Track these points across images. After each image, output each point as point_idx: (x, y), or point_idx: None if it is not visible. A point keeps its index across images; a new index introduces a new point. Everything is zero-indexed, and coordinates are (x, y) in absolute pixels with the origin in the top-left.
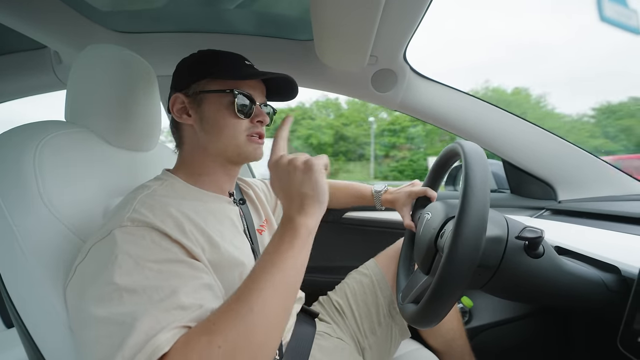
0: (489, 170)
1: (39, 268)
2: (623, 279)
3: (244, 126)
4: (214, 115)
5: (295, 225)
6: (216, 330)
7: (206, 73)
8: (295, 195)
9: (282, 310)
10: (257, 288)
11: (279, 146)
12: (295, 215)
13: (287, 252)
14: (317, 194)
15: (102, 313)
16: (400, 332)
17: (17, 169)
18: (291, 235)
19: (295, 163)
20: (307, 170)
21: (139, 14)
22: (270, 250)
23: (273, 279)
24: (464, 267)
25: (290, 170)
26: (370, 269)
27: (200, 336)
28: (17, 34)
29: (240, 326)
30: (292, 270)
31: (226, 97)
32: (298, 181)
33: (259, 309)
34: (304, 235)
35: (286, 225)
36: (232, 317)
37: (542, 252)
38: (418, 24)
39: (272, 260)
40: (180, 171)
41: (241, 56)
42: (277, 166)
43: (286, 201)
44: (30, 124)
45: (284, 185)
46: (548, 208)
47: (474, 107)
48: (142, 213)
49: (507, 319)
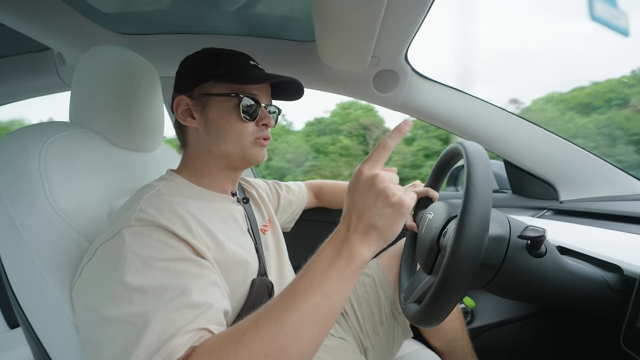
0: (491, 169)
1: (45, 268)
2: (625, 278)
3: (250, 130)
4: (218, 119)
5: (353, 255)
6: (245, 343)
7: (210, 75)
8: (366, 222)
9: (317, 338)
10: (296, 310)
11: (379, 158)
12: (355, 241)
13: (336, 279)
14: (389, 233)
15: (112, 313)
16: (402, 332)
17: (22, 169)
18: (345, 262)
19: (388, 193)
20: (396, 208)
21: (141, 15)
22: (316, 271)
23: (314, 304)
24: (466, 266)
25: (378, 195)
26: (373, 269)
27: (227, 345)
28: (20, 36)
29: (271, 346)
30: (335, 299)
31: (231, 101)
32: (379, 212)
33: (294, 332)
34: (357, 266)
35: (341, 249)
36: (264, 335)
37: (544, 251)
38: (420, 24)
39: (318, 284)
40: (185, 171)
41: (246, 55)
42: (366, 183)
43: (352, 221)
44: (35, 125)
45: (360, 204)
46: (550, 208)
47: (476, 108)
48: (149, 213)
49: (509, 319)
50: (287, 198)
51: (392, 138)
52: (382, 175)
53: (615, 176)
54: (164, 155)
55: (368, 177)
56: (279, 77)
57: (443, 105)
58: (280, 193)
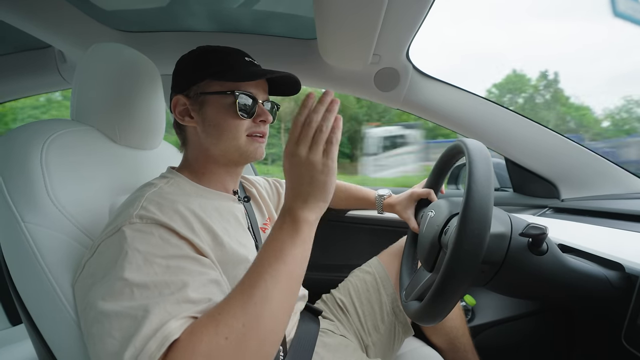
0: (492, 167)
1: (47, 264)
2: (627, 276)
3: (245, 126)
4: (216, 117)
5: (296, 219)
6: (221, 320)
7: (206, 74)
8: (302, 190)
9: (286, 302)
10: (260, 280)
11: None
12: (297, 209)
13: (289, 245)
14: (324, 193)
15: (113, 307)
16: (403, 329)
17: (24, 166)
18: (292, 228)
19: (313, 161)
20: (324, 172)
21: (142, 13)
22: (271, 242)
23: (275, 271)
24: (468, 263)
25: (305, 166)
26: (374, 266)
27: (206, 326)
28: (21, 34)
29: (245, 317)
30: (293, 263)
31: (228, 98)
32: (309, 178)
33: (262, 300)
34: (305, 229)
35: (286, 218)
36: (237, 308)
37: (545, 249)
38: (421, 22)
39: (274, 254)
40: (186, 170)
41: (241, 52)
42: (292, 156)
43: (291, 192)
44: (37, 122)
45: (294, 176)
46: (551, 206)
47: (477, 106)
48: (150, 210)
49: (510, 317)
50: None
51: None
52: (302, 147)
53: (616, 174)
54: (165, 152)
55: (291, 152)
56: (274, 73)
57: (445, 103)
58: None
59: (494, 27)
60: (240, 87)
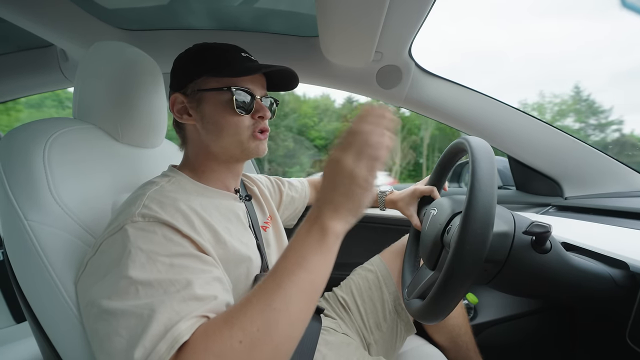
0: (496, 165)
1: (51, 262)
2: (631, 275)
3: (246, 123)
4: (213, 114)
5: (324, 227)
6: (237, 323)
7: (202, 71)
8: (336, 198)
9: (304, 311)
10: (281, 286)
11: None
12: (327, 218)
13: (314, 253)
14: (357, 208)
15: (118, 306)
16: (405, 327)
17: (27, 165)
18: (319, 236)
19: (356, 173)
20: (363, 187)
21: (144, 11)
22: (295, 248)
23: (297, 278)
24: (470, 262)
25: (347, 176)
26: (376, 265)
27: (221, 328)
28: (23, 32)
29: (261, 322)
30: (316, 272)
31: (224, 95)
32: (346, 189)
33: (281, 307)
34: (331, 239)
35: (315, 225)
36: (255, 312)
37: (549, 247)
38: (424, 19)
39: (298, 260)
40: (186, 168)
41: (237, 48)
42: (336, 163)
43: (323, 197)
44: (39, 121)
45: (331, 183)
46: (554, 204)
47: (479, 103)
48: (152, 209)
49: (512, 315)
50: (290, 195)
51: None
52: (347, 159)
53: (620, 172)
54: (166, 151)
55: (333, 162)
56: (270, 67)
57: (447, 101)
58: (283, 190)
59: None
60: (237, 83)
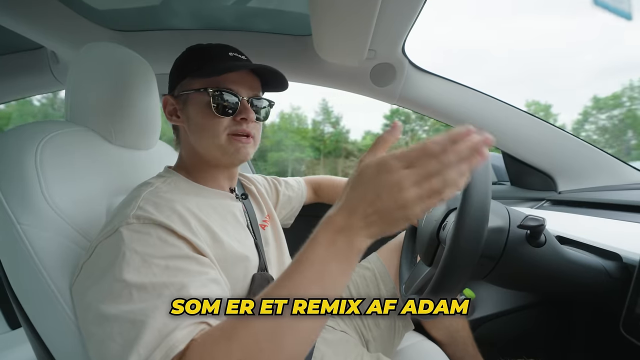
0: (490, 161)
1: (44, 267)
2: (624, 266)
3: (224, 124)
4: (195, 116)
5: (352, 242)
6: (237, 339)
7: (187, 72)
8: (372, 218)
9: (315, 330)
10: (293, 305)
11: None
12: (357, 231)
13: (334, 271)
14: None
15: (112, 311)
16: (403, 324)
17: (19, 168)
18: (345, 253)
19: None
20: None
21: (135, 12)
22: (313, 262)
23: (309, 294)
24: (466, 258)
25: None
26: (373, 262)
27: (218, 341)
28: (12, 34)
29: (265, 342)
30: (333, 291)
31: (204, 96)
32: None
33: (289, 327)
34: (355, 258)
35: (340, 237)
36: (259, 330)
37: (543, 240)
38: (416, 17)
39: (315, 277)
40: (181, 169)
41: (226, 47)
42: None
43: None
44: (31, 124)
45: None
46: (548, 199)
47: (473, 100)
48: (147, 210)
49: (509, 309)
50: (287, 194)
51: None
52: (404, 184)
53: (612, 166)
54: (160, 152)
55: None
56: (250, 65)
57: (441, 98)
58: (279, 189)
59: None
60: (219, 84)
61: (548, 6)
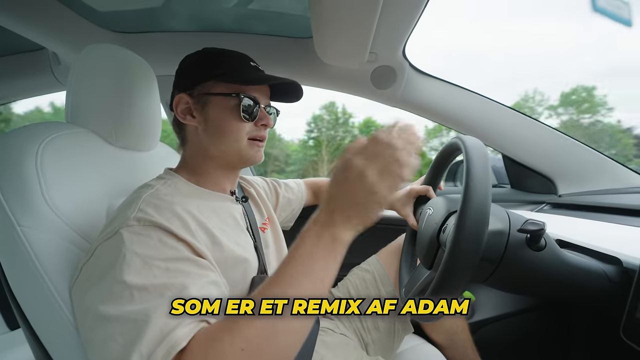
0: (490, 164)
1: (44, 268)
2: (624, 270)
3: (247, 129)
4: (218, 118)
5: (335, 237)
6: (238, 330)
7: (212, 75)
8: (350, 209)
9: (308, 318)
10: (286, 295)
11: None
12: (339, 227)
13: (321, 264)
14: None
15: (113, 312)
16: (403, 327)
17: (19, 170)
18: (329, 246)
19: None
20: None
21: (137, 13)
22: (302, 256)
23: (303, 288)
24: (466, 261)
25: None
26: (372, 265)
27: (221, 334)
28: (14, 35)
29: (264, 330)
30: (321, 283)
31: (232, 100)
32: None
33: (284, 315)
34: (340, 251)
35: (325, 233)
36: (258, 320)
37: (544, 244)
38: (417, 19)
39: (304, 270)
40: (183, 170)
41: (247, 57)
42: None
43: (335, 207)
44: (31, 125)
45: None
46: (548, 202)
47: (474, 102)
48: (147, 212)
49: (509, 313)
50: (286, 196)
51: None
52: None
53: (613, 169)
54: (161, 154)
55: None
56: (279, 79)
57: (441, 101)
58: (279, 192)
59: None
60: (245, 91)
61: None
